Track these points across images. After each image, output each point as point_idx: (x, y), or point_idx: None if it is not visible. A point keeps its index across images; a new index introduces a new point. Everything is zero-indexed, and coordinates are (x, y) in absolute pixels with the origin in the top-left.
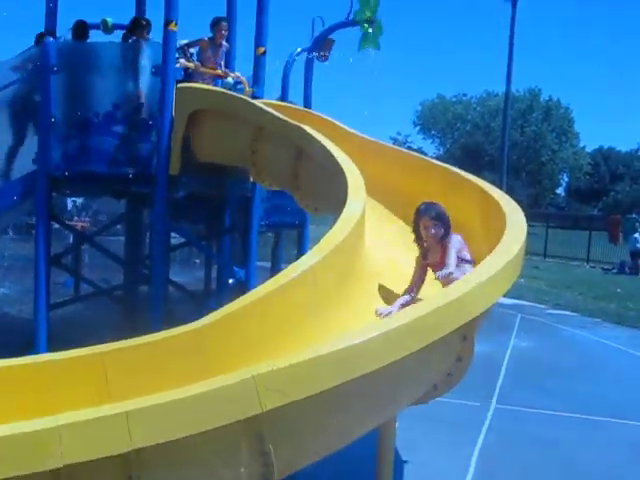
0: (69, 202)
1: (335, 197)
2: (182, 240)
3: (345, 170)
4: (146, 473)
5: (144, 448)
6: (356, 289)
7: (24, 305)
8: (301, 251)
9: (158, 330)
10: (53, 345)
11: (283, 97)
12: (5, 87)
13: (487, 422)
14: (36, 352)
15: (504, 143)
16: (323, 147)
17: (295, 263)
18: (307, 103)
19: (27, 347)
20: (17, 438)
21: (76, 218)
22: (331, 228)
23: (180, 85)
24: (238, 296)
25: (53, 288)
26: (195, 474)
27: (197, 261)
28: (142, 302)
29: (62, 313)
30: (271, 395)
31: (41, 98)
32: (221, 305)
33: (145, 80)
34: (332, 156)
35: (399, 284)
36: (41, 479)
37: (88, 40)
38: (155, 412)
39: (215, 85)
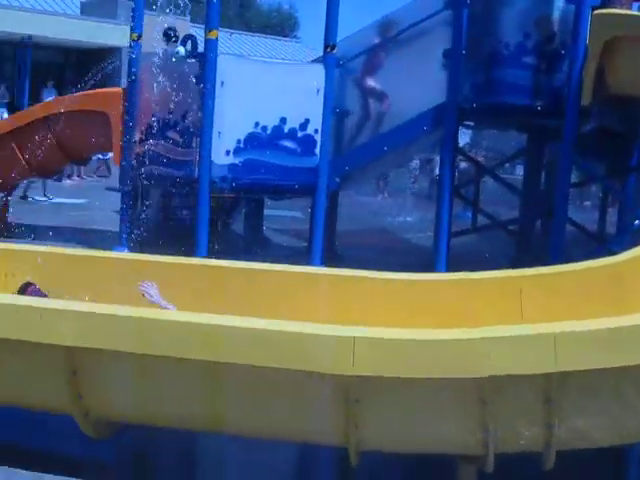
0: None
1: None
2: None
3: None
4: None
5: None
6: None
7: (421, 233)
8: None
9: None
10: (450, 270)
11: None
12: (417, 24)
13: None
14: None
15: None
16: None
17: None
18: None
19: (426, 269)
20: (443, 344)
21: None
22: None
23: (597, 12)
24: None
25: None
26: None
27: (587, 203)
28: (536, 238)
29: (458, 242)
30: None
31: (453, 31)
32: (626, 247)
33: (558, 7)
34: None
35: None
36: (470, 387)
37: None
38: (581, 338)
39: (632, 10)
